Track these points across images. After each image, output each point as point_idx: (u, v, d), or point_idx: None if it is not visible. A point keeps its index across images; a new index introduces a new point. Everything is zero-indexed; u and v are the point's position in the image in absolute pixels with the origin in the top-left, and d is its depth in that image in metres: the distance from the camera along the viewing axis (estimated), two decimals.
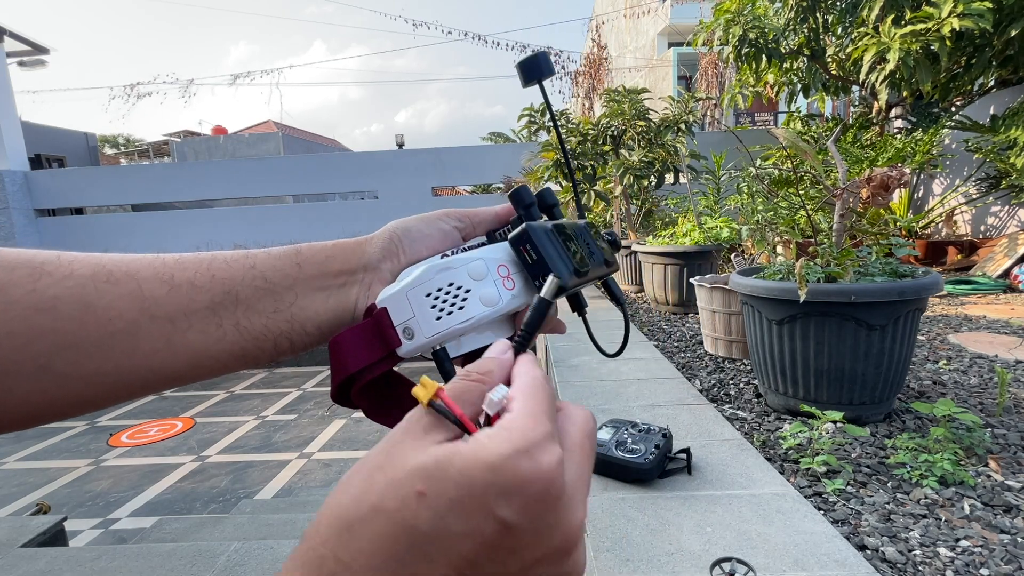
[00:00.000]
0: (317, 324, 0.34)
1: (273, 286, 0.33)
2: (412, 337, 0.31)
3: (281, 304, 0.33)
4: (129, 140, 27.24)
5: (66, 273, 0.28)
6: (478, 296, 0.30)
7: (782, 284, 1.66)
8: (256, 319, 0.32)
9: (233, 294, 0.32)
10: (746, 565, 1.00)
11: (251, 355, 0.33)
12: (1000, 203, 4.67)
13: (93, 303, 0.28)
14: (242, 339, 0.32)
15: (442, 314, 0.30)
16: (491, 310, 0.31)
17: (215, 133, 19.14)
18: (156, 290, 0.29)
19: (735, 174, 4.06)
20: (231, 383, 6.10)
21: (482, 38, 14.39)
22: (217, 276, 0.32)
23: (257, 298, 0.32)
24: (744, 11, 4.50)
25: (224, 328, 0.31)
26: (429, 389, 0.23)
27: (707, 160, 4.61)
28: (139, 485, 3.64)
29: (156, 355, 0.29)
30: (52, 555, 1.53)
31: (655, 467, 1.29)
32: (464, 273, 0.31)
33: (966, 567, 1.04)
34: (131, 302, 0.29)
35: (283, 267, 0.34)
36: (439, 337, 0.30)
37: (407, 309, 0.31)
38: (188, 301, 0.30)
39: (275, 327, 0.33)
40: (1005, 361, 2.26)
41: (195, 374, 0.31)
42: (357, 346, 0.32)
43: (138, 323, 0.29)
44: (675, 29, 14.79)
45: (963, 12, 3.36)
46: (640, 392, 1.95)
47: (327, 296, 0.34)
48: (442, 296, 0.30)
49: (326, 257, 0.35)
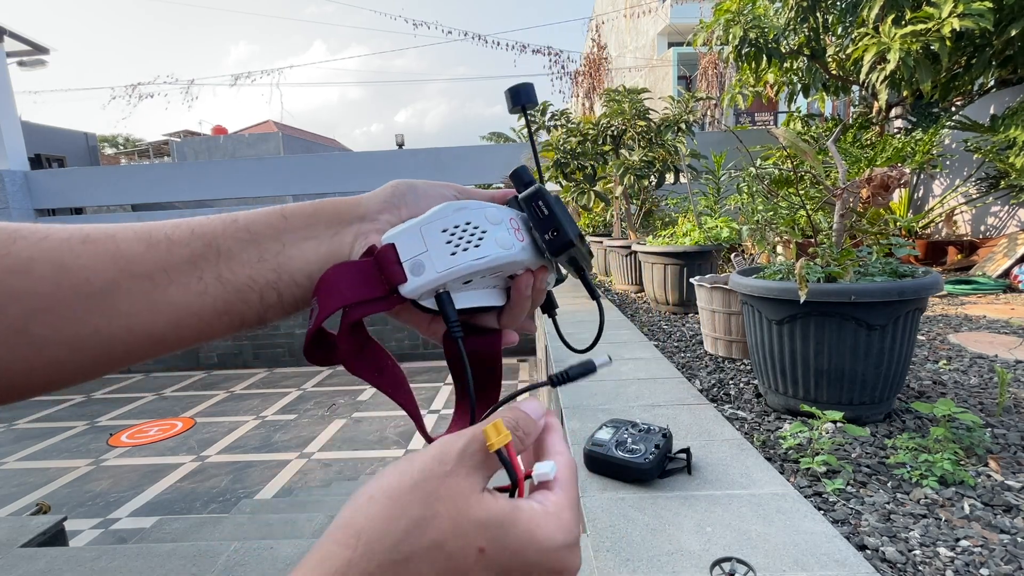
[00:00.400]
0: (307, 273, 0.32)
1: (257, 236, 0.31)
2: (421, 272, 0.30)
3: (266, 253, 0.31)
4: (129, 140, 27.24)
5: (42, 236, 0.27)
6: (494, 238, 0.30)
7: (782, 284, 1.66)
8: (240, 270, 0.30)
9: (214, 246, 0.30)
10: (746, 565, 1.00)
11: (235, 310, 0.31)
12: (1000, 203, 4.67)
13: (68, 264, 0.27)
14: (225, 292, 0.30)
15: (457, 250, 0.30)
16: (506, 253, 0.31)
17: (215, 133, 19.15)
18: (134, 247, 0.28)
19: (735, 174, 4.06)
20: (231, 383, 6.10)
21: (482, 38, 14.38)
22: (196, 231, 0.30)
23: (240, 248, 0.31)
24: (744, 11, 4.50)
25: (205, 281, 0.30)
26: (502, 437, 0.24)
27: (707, 160, 4.61)
28: (139, 485, 3.64)
29: (136, 315, 0.28)
30: (52, 555, 1.53)
31: (655, 467, 1.29)
32: (482, 215, 0.31)
33: (966, 567, 1.04)
34: (108, 260, 0.28)
35: (268, 219, 0.32)
36: (451, 273, 0.30)
37: (419, 243, 0.30)
38: (167, 255, 0.29)
39: (260, 277, 0.31)
40: (1005, 361, 2.26)
41: (178, 335, 0.30)
42: (353, 281, 0.30)
43: (116, 282, 0.28)
44: (675, 29, 14.79)
45: (963, 12, 3.36)
46: (640, 392, 1.95)
47: (318, 244, 0.32)
48: (458, 233, 0.30)
49: (315, 210, 0.33)
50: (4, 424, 5.05)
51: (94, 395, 5.89)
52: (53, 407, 5.52)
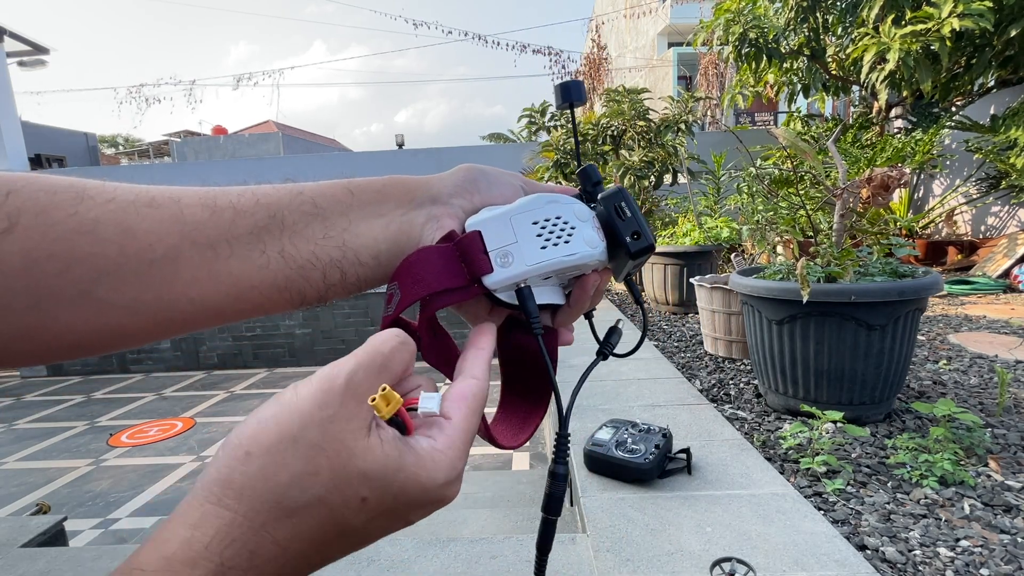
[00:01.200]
0: (374, 253, 0.31)
1: (323, 211, 0.30)
2: (509, 264, 0.29)
3: (332, 230, 0.30)
4: (129, 140, 27.25)
5: (109, 197, 0.27)
6: (583, 235, 0.30)
7: (782, 284, 1.66)
8: (303, 246, 0.29)
9: (279, 218, 0.29)
10: (746, 565, 1.00)
11: (296, 287, 0.30)
12: (1000, 203, 4.67)
13: (133, 227, 0.27)
14: (287, 268, 0.29)
15: (547, 244, 0.29)
16: (593, 252, 0.30)
17: (215, 133, 19.15)
18: (198, 214, 0.28)
19: (735, 174, 4.06)
20: (231, 383, 6.10)
21: (482, 38, 14.39)
22: (262, 201, 0.30)
23: (305, 223, 0.30)
24: (744, 11, 4.50)
25: (268, 255, 0.29)
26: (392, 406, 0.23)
27: (706, 162, 4.61)
28: (139, 485, 3.64)
29: (197, 284, 0.28)
30: (52, 555, 1.53)
31: (655, 467, 1.29)
32: (571, 210, 0.30)
33: (966, 567, 1.04)
34: (172, 226, 0.27)
35: (334, 193, 0.31)
36: (540, 267, 0.29)
37: (509, 233, 0.29)
38: (231, 225, 0.28)
39: (324, 255, 0.30)
40: (1005, 361, 2.26)
41: (237, 308, 0.29)
42: (438, 268, 0.29)
43: (179, 248, 0.27)
44: (675, 29, 14.79)
45: (963, 12, 3.36)
46: (640, 392, 1.95)
47: (386, 223, 0.31)
48: (549, 227, 0.30)
49: (383, 185, 0.32)
50: (4, 424, 5.05)
51: (94, 395, 5.89)
52: (53, 407, 5.52)
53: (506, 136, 8.95)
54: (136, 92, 15.62)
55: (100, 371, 6.80)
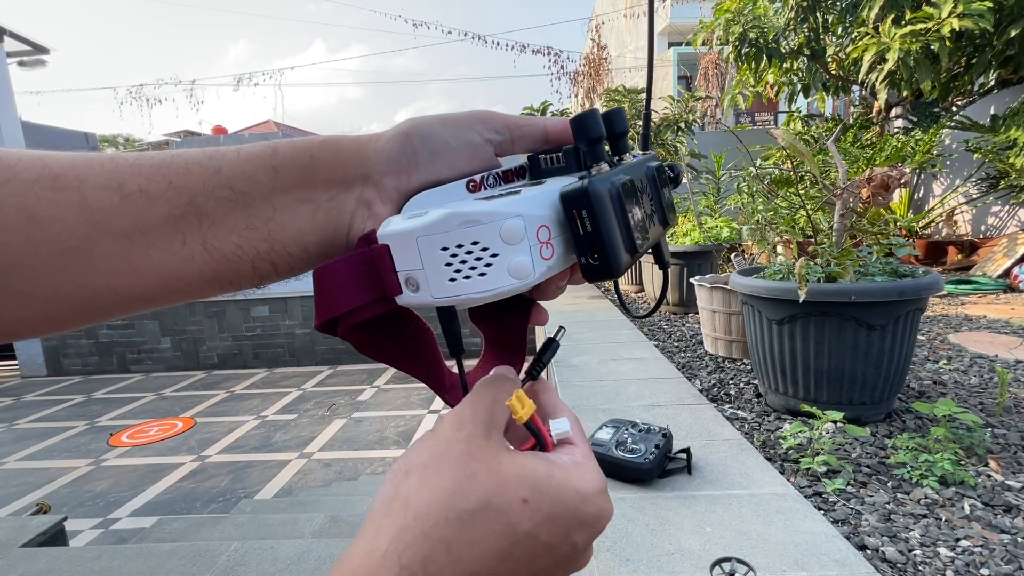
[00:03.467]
0: (302, 245, 0.28)
1: (243, 196, 0.27)
2: (416, 290, 0.25)
3: (255, 219, 0.27)
4: (129, 140, 27.25)
5: (9, 176, 0.24)
6: (507, 265, 0.24)
7: (782, 284, 1.66)
8: (226, 236, 0.27)
9: (195, 205, 0.26)
10: (746, 565, 1.00)
11: (226, 278, 0.28)
12: (1000, 203, 4.67)
13: (38, 214, 0.24)
14: (213, 261, 0.27)
15: (458, 276, 0.24)
16: (519, 283, 0.25)
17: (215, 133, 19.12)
18: (105, 200, 0.25)
19: (735, 174, 4.06)
20: (231, 383, 6.10)
21: (482, 38, 14.40)
22: (175, 183, 0.26)
23: (224, 211, 0.27)
24: (744, 11, 4.51)
25: (190, 247, 0.26)
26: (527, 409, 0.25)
27: (707, 160, 4.61)
28: (139, 485, 3.64)
29: (118, 276, 0.25)
30: (52, 555, 1.53)
31: (655, 467, 1.29)
32: (495, 233, 0.24)
33: (966, 567, 1.04)
34: (79, 214, 0.24)
35: (254, 172, 0.27)
36: (449, 301, 0.25)
37: (415, 257, 0.25)
38: (143, 213, 0.25)
39: (250, 247, 0.27)
40: (1005, 361, 2.26)
41: (169, 297, 0.27)
42: (347, 282, 0.26)
43: (91, 239, 0.24)
44: (675, 29, 14.79)
45: (963, 12, 3.36)
46: (640, 392, 1.95)
47: (312, 211, 0.28)
48: (461, 255, 0.24)
49: (310, 158, 0.28)
50: (4, 424, 5.05)
51: (94, 395, 5.89)
52: (53, 407, 5.52)
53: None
54: (136, 92, 15.63)
55: (100, 371, 6.80)
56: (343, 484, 3.43)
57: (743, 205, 3.54)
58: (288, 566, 1.43)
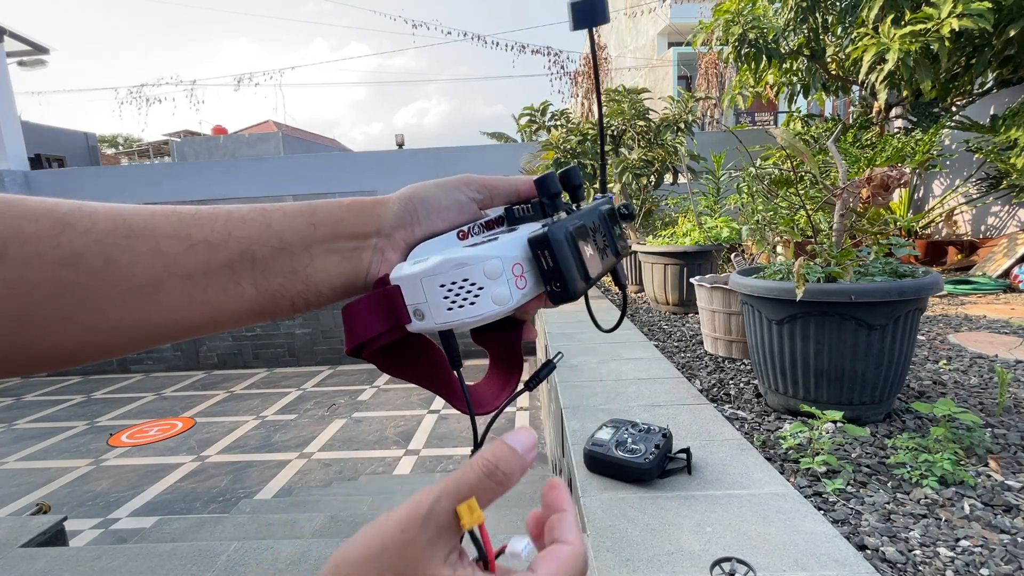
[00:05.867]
0: (331, 285, 0.35)
1: (289, 246, 0.33)
2: (423, 319, 0.33)
3: (297, 265, 0.33)
4: (129, 140, 27.24)
5: (88, 227, 0.28)
6: (490, 295, 0.32)
7: (782, 284, 1.66)
8: (272, 279, 0.33)
9: (250, 254, 0.32)
10: (746, 565, 1.00)
11: (269, 311, 0.33)
12: (1000, 203, 4.67)
13: (115, 258, 0.28)
14: (260, 297, 0.32)
15: (454, 306, 0.32)
16: (501, 308, 0.32)
17: (215, 133, 19.13)
18: (175, 247, 0.30)
19: (735, 174, 4.06)
20: (231, 383, 6.10)
21: (482, 38, 14.39)
22: (234, 235, 0.32)
23: (273, 258, 0.33)
24: (744, 11, 4.50)
25: (243, 287, 0.32)
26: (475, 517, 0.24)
27: (707, 160, 4.61)
28: (139, 485, 3.64)
29: (177, 310, 0.30)
30: (52, 555, 1.53)
31: (655, 467, 1.29)
32: (480, 271, 0.32)
33: (966, 567, 1.04)
34: (151, 259, 0.29)
35: (298, 227, 0.34)
36: (448, 326, 0.33)
37: (420, 294, 0.32)
38: (206, 259, 0.31)
39: (291, 287, 0.33)
40: (1005, 361, 2.26)
41: (215, 327, 0.32)
42: (369, 315, 0.33)
43: (159, 279, 0.29)
44: (675, 29, 14.79)
45: (963, 12, 3.36)
46: (640, 392, 1.95)
47: (340, 259, 0.35)
48: (455, 290, 0.32)
49: (340, 218, 0.35)
50: (4, 424, 5.05)
51: (94, 395, 5.89)
52: (53, 407, 5.52)
53: (508, 136, 8.94)
54: (137, 92, 15.63)
55: (100, 371, 6.79)
56: (343, 484, 3.43)
57: (743, 205, 3.54)
58: (288, 566, 1.43)
